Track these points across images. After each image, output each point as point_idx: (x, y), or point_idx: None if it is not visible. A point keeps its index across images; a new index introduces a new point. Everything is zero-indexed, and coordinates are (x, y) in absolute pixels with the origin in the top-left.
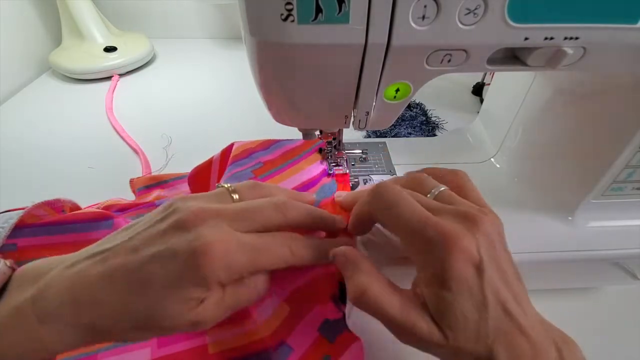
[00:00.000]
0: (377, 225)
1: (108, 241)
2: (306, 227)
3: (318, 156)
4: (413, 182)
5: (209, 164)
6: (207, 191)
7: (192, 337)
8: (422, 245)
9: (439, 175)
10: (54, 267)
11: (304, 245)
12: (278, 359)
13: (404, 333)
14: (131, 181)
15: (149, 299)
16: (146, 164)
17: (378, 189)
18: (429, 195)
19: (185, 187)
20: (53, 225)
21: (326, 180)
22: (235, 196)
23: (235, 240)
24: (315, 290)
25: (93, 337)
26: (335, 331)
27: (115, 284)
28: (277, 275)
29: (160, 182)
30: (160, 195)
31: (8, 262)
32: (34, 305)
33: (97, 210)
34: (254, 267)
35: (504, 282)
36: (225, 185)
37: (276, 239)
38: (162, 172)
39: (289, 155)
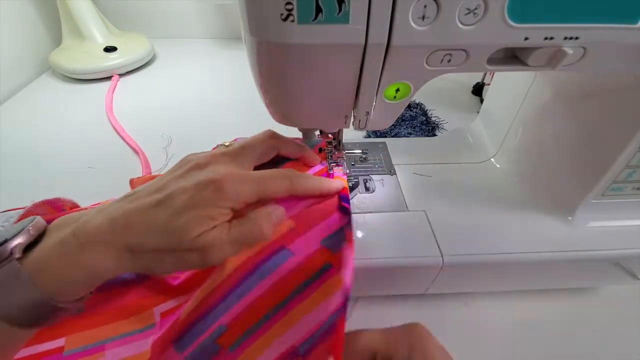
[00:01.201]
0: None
1: (134, 191)
2: (295, 155)
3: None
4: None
5: None
6: None
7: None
8: None
9: (392, 340)
10: (85, 214)
11: (302, 176)
12: (277, 261)
13: None
14: (131, 181)
15: (171, 217)
16: (146, 164)
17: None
18: None
19: None
20: None
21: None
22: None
23: (243, 173)
24: (321, 210)
25: (128, 260)
26: (339, 243)
27: (144, 210)
28: (284, 200)
29: None
30: None
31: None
32: (75, 236)
33: None
34: (259, 192)
35: None
36: (225, 144)
37: (277, 172)
38: (162, 172)
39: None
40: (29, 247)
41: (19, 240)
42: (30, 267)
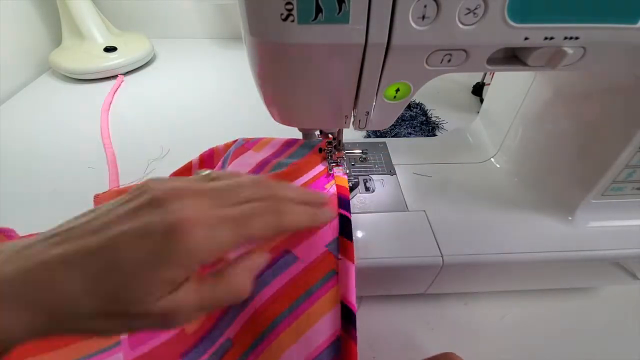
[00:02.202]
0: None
1: (67, 223)
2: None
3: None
4: None
5: (188, 168)
6: None
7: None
8: None
9: None
10: (4, 250)
11: (291, 211)
12: (281, 265)
13: None
14: (96, 197)
15: (115, 281)
16: (114, 177)
17: None
18: None
19: None
20: None
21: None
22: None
23: (215, 213)
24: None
25: (54, 325)
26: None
27: (75, 267)
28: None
29: None
30: None
31: None
32: None
33: None
34: (239, 238)
35: None
36: (205, 172)
37: (260, 208)
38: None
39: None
40: None
41: None
42: None
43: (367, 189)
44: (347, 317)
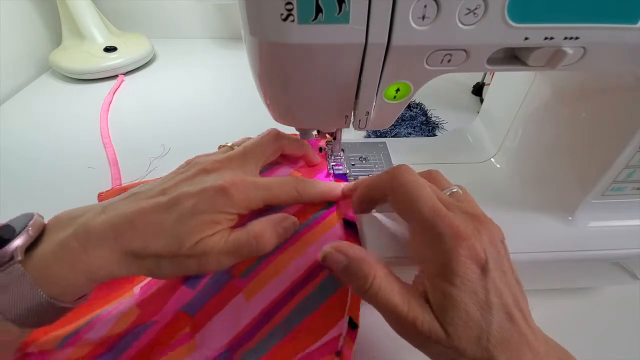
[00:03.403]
0: (381, 218)
1: (136, 189)
2: (298, 154)
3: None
4: (429, 176)
5: None
6: None
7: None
8: (431, 236)
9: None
10: (87, 211)
11: (308, 184)
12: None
13: (405, 327)
14: (100, 195)
15: (178, 220)
16: (116, 176)
17: (399, 170)
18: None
19: None
20: None
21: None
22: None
23: (250, 180)
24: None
25: (130, 263)
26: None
27: (149, 212)
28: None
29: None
30: None
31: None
32: (76, 238)
33: None
34: (265, 200)
35: (508, 288)
36: (229, 144)
37: (283, 180)
38: (143, 180)
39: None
40: (29, 247)
41: (18, 242)
42: (33, 271)
43: None
44: (349, 226)
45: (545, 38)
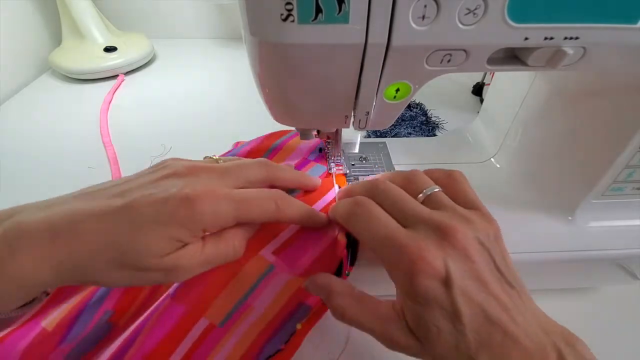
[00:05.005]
0: None
1: (96, 186)
2: (291, 186)
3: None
4: (407, 180)
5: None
6: None
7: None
8: (389, 263)
9: (435, 177)
10: (24, 208)
11: (290, 203)
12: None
13: (386, 343)
14: None
15: (132, 231)
16: (117, 174)
17: (355, 204)
18: (420, 195)
19: None
20: None
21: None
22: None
23: (223, 191)
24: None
25: (69, 274)
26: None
27: (98, 216)
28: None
29: None
30: None
31: None
32: (4, 239)
33: None
34: (239, 216)
35: (484, 291)
36: (214, 157)
37: (262, 193)
38: None
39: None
40: None
41: None
42: None
43: None
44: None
45: (545, 38)
